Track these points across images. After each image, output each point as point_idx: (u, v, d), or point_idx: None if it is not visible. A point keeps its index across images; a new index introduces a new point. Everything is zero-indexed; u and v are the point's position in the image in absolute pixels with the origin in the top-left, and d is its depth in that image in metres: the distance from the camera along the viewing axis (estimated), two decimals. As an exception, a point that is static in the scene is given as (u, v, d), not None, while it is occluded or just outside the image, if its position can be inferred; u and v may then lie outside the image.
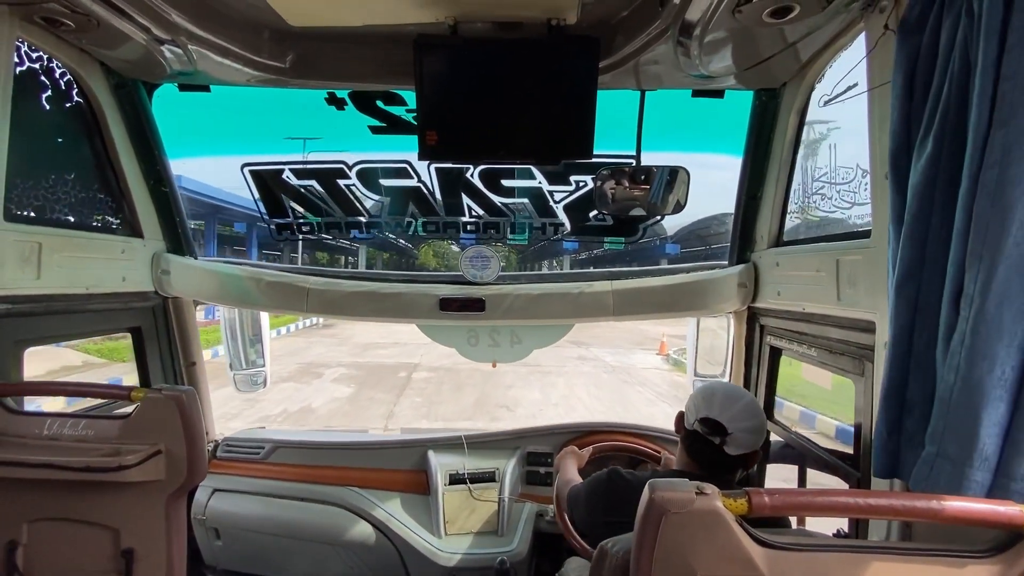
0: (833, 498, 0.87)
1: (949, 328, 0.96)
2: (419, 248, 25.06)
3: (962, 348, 0.91)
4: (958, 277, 0.94)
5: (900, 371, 1.07)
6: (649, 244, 17.74)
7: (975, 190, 0.91)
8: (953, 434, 0.92)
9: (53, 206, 1.87)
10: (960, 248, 0.94)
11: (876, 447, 1.10)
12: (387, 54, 1.83)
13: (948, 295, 0.96)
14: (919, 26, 1.08)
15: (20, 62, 1.69)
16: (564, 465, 1.97)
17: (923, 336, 1.04)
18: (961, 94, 0.97)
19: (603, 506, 1.49)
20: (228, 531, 2.45)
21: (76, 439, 1.43)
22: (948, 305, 0.96)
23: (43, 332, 1.80)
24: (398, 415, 8.80)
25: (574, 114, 1.76)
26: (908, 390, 1.07)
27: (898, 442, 1.08)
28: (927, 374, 1.03)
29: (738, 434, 1.44)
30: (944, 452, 0.93)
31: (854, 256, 1.51)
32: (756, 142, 2.06)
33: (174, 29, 1.65)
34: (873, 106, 1.37)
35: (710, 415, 1.48)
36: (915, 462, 1.01)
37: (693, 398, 1.57)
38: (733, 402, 1.50)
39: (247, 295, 2.31)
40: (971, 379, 0.90)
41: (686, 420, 1.54)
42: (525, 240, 2.54)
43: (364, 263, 17.90)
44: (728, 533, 0.84)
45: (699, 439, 1.49)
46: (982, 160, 0.90)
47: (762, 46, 1.67)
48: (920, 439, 1.01)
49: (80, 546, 1.41)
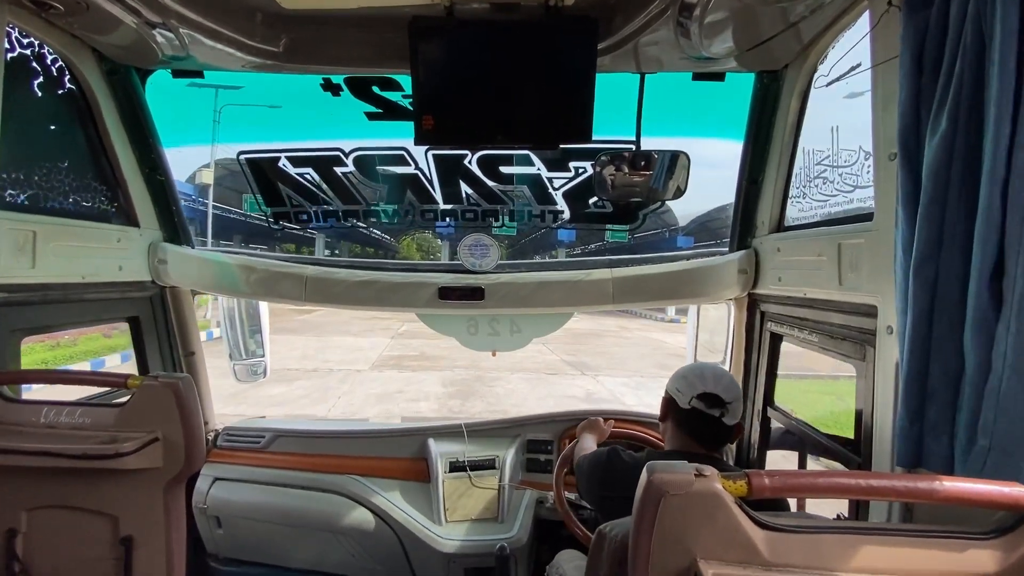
0: (833, 479, 0.86)
1: (980, 312, 0.92)
2: (400, 241, 24.13)
3: (1007, 335, 0.87)
4: (987, 259, 0.90)
5: (920, 358, 1.04)
6: (656, 237, 16.48)
7: (1008, 169, 0.87)
8: (1007, 426, 0.88)
9: (47, 194, 1.85)
10: (988, 230, 0.90)
11: (899, 436, 1.08)
12: (382, 38, 1.80)
13: (977, 278, 0.92)
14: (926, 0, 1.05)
15: (11, 48, 1.67)
16: (584, 435, 2.00)
17: (943, 320, 1.00)
18: (976, 68, 0.93)
19: (599, 480, 1.58)
20: (229, 519, 2.46)
21: (73, 427, 1.43)
22: (978, 288, 0.92)
23: (40, 321, 1.80)
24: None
25: (573, 97, 1.74)
26: (929, 377, 1.03)
27: (920, 430, 1.05)
28: (949, 361, 0.99)
29: (733, 403, 1.55)
30: (998, 445, 0.90)
31: (856, 240, 1.49)
32: (757, 126, 2.03)
33: (164, 12, 1.62)
34: (876, 85, 1.34)
35: (707, 390, 1.55)
36: (940, 451, 0.99)
37: (681, 380, 1.62)
38: (720, 375, 1.61)
39: (245, 284, 2.30)
40: (1021, 366, 0.85)
41: (679, 402, 1.59)
42: (513, 231, 2.52)
43: (320, 252, 17.22)
44: (727, 515, 0.83)
45: (699, 416, 1.55)
46: (1013, 138, 0.86)
47: (763, 26, 1.64)
48: (944, 427, 0.99)
49: (79, 533, 1.42)
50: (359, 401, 9.34)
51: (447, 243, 8.86)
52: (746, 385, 2.21)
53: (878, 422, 1.37)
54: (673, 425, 1.62)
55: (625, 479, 1.48)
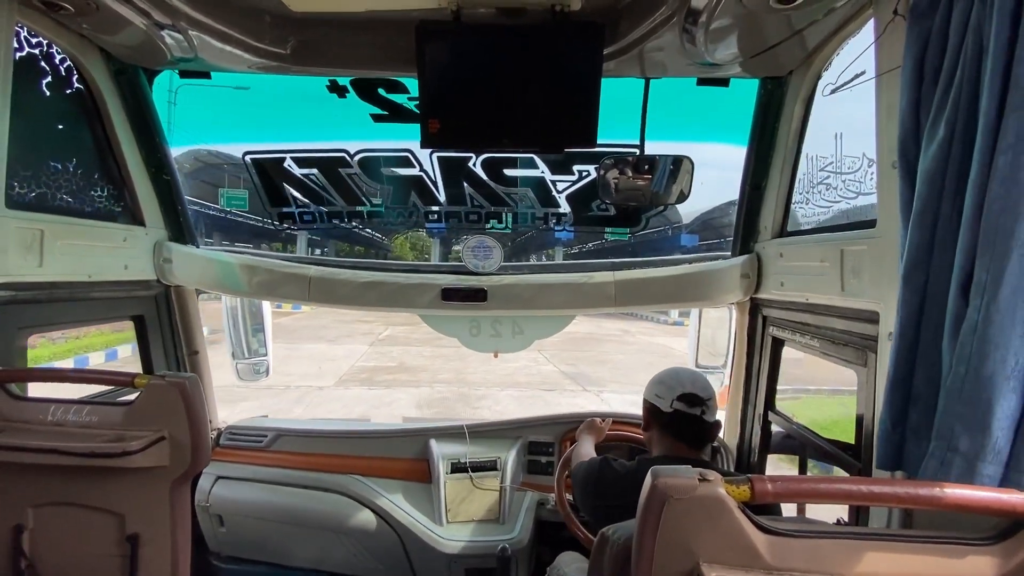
0: (835, 485, 0.87)
1: (957, 318, 0.93)
2: (393, 239, 22.64)
3: (973, 338, 0.88)
4: (967, 265, 0.92)
5: (906, 362, 1.05)
6: (658, 235, 15.76)
7: (987, 175, 0.88)
8: (964, 427, 0.89)
9: (55, 193, 1.87)
10: (970, 236, 0.91)
11: (879, 439, 1.09)
12: (389, 41, 1.81)
13: (956, 284, 0.94)
14: (930, 9, 1.06)
15: (20, 47, 1.68)
16: (582, 438, 2.02)
17: (930, 326, 1.02)
18: (973, 78, 0.95)
19: (592, 491, 1.62)
20: (232, 518, 2.47)
21: (80, 425, 1.44)
22: (956, 294, 0.93)
23: (46, 319, 1.81)
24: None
25: (578, 102, 1.75)
26: (914, 381, 1.04)
27: (902, 434, 1.06)
28: (934, 365, 1.00)
29: (711, 401, 1.61)
30: (954, 446, 0.90)
31: (859, 246, 1.50)
32: (761, 131, 2.04)
33: (174, 14, 1.63)
34: (881, 94, 1.35)
35: (685, 391, 1.61)
36: (920, 455, 0.99)
37: (659, 386, 1.67)
38: (695, 376, 1.67)
39: (249, 284, 2.31)
40: (983, 370, 0.87)
41: (661, 407, 1.63)
42: (508, 228, 2.53)
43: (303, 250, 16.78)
44: (730, 520, 0.84)
45: (683, 417, 1.60)
46: (995, 145, 0.87)
47: (768, 33, 1.64)
48: (925, 432, 0.99)
49: (85, 531, 1.43)
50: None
51: (437, 240, 8.77)
52: (747, 389, 2.22)
53: (879, 428, 1.37)
54: (658, 431, 1.65)
55: (616, 488, 1.53)
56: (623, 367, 12.12)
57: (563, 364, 12.58)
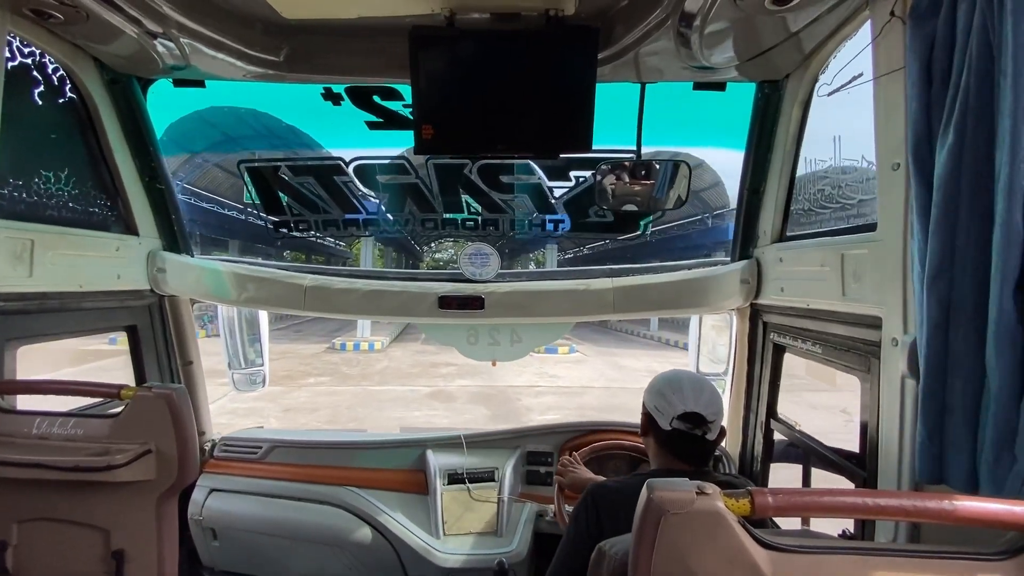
0: (840, 498, 0.84)
1: (1004, 325, 0.90)
2: (352, 246, 21.00)
3: None
4: (1010, 270, 0.89)
5: (937, 373, 1.02)
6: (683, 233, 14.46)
7: (1013, 177, 0.86)
8: None
9: (46, 203, 1.85)
10: (1011, 240, 0.88)
11: (920, 452, 1.07)
12: (383, 47, 1.81)
13: (998, 290, 0.90)
14: (932, 10, 1.04)
15: (12, 57, 1.67)
16: (574, 478, 1.90)
17: (959, 334, 0.99)
18: (981, 80, 0.93)
19: (596, 520, 1.44)
20: (225, 531, 2.43)
21: (65, 438, 1.41)
22: (1000, 301, 0.90)
23: (36, 330, 1.78)
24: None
25: (573, 106, 1.73)
26: (947, 392, 1.02)
27: (940, 445, 1.04)
28: (969, 374, 0.98)
29: (714, 419, 1.45)
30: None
31: (860, 250, 1.47)
32: (758, 135, 2.02)
33: (165, 22, 1.62)
34: (879, 96, 1.33)
35: (687, 409, 1.44)
36: (961, 467, 0.97)
37: (657, 396, 1.50)
38: (700, 388, 1.48)
39: (244, 294, 2.29)
40: None
41: (659, 422, 1.48)
42: (504, 236, 2.51)
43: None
44: (730, 535, 0.81)
45: (682, 436, 1.45)
46: (1017, 145, 0.85)
47: (764, 36, 1.63)
48: (964, 444, 0.97)
49: (70, 547, 1.39)
50: None
51: (389, 249, 8.77)
52: (748, 397, 2.18)
53: (884, 436, 1.34)
54: (655, 443, 1.53)
55: (621, 504, 1.35)
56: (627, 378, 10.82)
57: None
